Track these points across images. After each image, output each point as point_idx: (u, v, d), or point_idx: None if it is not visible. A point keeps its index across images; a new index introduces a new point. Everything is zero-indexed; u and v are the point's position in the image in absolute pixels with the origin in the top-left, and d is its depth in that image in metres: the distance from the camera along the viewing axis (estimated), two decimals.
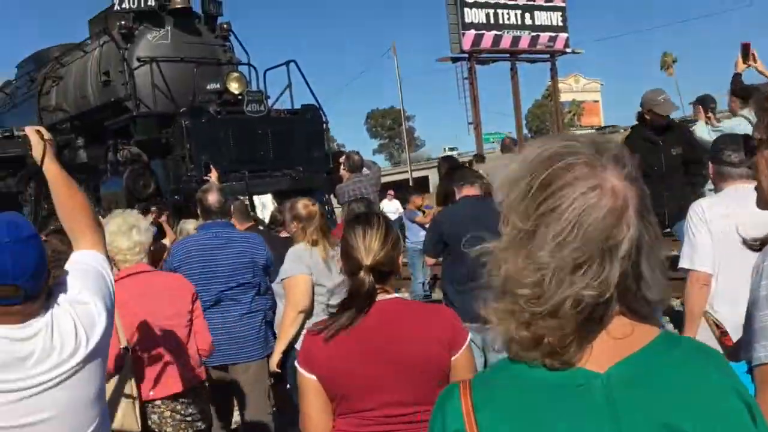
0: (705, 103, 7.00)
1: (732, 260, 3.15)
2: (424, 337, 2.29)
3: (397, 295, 2.42)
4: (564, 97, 38.75)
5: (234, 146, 11.29)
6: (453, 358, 2.30)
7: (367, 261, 2.31)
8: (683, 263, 3.56)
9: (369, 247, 2.32)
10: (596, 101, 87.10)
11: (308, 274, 4.57)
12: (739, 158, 3.43)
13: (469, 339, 2.37)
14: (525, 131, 35.55)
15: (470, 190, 5.17)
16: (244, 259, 5.05)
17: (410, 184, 35.76)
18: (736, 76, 6.29)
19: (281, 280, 4.67)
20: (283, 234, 7.25)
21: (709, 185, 5.06)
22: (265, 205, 11.14)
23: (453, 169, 6.41)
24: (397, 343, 2.27)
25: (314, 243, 4.70)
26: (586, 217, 1.04)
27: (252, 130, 11.58)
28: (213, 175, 8.99)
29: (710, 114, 6.95)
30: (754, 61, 6.04)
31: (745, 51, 6.02)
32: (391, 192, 13.62)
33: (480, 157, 18.08)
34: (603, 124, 71.52)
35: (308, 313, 4.59)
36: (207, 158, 10.42)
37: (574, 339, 1.07)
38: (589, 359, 1.09)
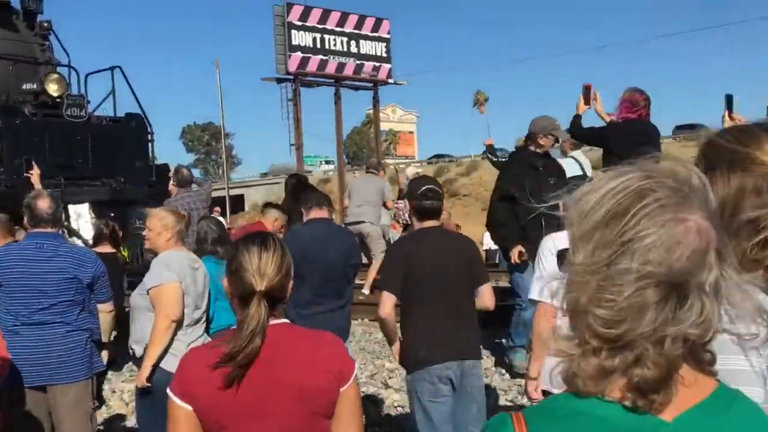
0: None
1: None
2: (314, 366, 2.19)
3: (285, 320, 2.28)
4: (381, 126, 39.75)
5: (50, 151, 10.66)
6: (342, 389, 2.21)
7: (261, 286, 2.13)
8: (532, 295, 3.66)
9: (264, 272, 2.14)
10: (411, 132, 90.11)
11: (178, 282, 4.41)
12: None
13: (356, 370, 2.29)
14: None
15: (318, 213, 5.17)
16: (66, 275, 4.72)
17: (227, 202, 35.21)
18: (577, 118, 6.58)
19: (147, 290, 4.45)
20: (103, 249, 6.90)
21: None
22: (80, 216, 10.53)
23: (300, 189, 6.30)
24: (286, 371, 2.15)
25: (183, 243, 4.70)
26: (669, 254, 1.00)
27: (71, 135, 11.02)
28: (34, 173, 8.44)
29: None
30: (596, 102, 6.44)
31: (587, 93, 6.40)
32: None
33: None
34: (416, 155, 74.30)
35: (180, 323, 4.41)
36: (27, 157, 9.77)
37: (665, 380, 1.01)
38: (662, 405, 1.03)
